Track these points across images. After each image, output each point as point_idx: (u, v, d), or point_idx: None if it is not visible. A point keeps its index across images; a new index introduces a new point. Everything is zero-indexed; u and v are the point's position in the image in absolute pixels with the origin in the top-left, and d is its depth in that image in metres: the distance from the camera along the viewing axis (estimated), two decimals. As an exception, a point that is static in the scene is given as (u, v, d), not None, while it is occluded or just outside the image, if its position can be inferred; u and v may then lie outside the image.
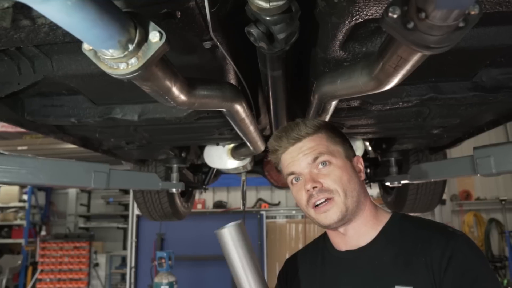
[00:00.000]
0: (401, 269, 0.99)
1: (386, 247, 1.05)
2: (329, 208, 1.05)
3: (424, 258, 0.96)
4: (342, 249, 1.14)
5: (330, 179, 1.06)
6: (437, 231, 1.02)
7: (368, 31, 1.07)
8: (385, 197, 3.58)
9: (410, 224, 1.08)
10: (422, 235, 1.02)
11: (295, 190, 1.12)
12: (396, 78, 0.86)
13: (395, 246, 1.04)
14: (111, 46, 0.67)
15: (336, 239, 1.15)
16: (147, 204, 3.11)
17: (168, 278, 4.61)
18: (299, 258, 1.29)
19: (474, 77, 1.44)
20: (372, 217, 1.11)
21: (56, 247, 8.94)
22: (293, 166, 1.10)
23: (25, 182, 1.73)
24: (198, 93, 1.09)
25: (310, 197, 1.06)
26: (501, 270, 7.46)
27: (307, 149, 1.09)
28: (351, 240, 1.11)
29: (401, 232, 1.07)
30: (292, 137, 1.11)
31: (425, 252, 0.97)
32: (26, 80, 1.31)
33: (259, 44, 0.96)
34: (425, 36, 0.61)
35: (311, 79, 1.34)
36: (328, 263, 1.16)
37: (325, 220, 1.06)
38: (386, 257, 1.03)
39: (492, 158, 1.69)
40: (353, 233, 1.10)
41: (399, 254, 1.01)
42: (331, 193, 1.05)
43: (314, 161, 1.07)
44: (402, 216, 1.13)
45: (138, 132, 1.89)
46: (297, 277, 1.22)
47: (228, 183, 7.58)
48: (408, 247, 1.01)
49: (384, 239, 1.08)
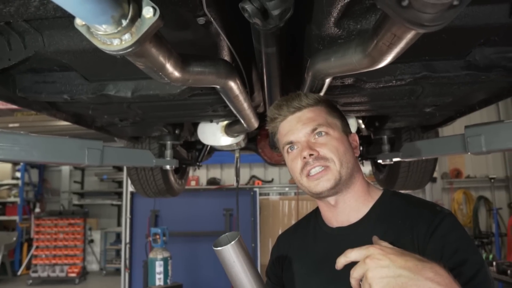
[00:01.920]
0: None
1: (376, 225, 1.07)
2: (323, 175, 1.05)
3: (411, 235, 0.99)
4: (333, 225, 1.15)
5: (327, 148, 1.07)
6: (425, 210, 1.03)
7: (363, 8, 1.06)
8: (377, 174, 3.63)
9: (400, 202, 1.10)
10: (411, 213, 1.04)
11: (290, 159, 1.12)
12: (390, 56, 0.86)
13: (384, 223, 1.06)
14: (104, 21, 0.66)
15: (327, 214, 1.16)
16: (141, 181, 3.12)
17: (163, 254, 4.67)
18: (291, 234, 1.30)
19: (468, 56, 1.44)
20: (363, 192, 1.13)
21: (51, 224, 9.01)
22: (292, 135, 1.11)
23: (18, 159, 1.73)
24: (192, 69, 1.08)
25: (306, 164, 1.07)
26: (488, 245, 7.67)
27: (306, 119, 1.11)
28: (341, 215, 1.12)
29: (391, 209, 1.08)
30: (293, 106, 1.13)
31: (412, 230, 0.99)
32: (16, 56, 1.28)
33: (253, 20, 0.95)
34: (419, 14, 0.61)
35: (305, 56, 1.33)
36: (320, 240, 1.17)
37: (317, 187, 1.06)
38: (376, 233, 1.03)
39: (483, 136, 1.71)
40: (343, 206, 1.11)
41: (388, 232, 1.02)
42: (327, 161, 1.06)
43: (313, 131, 1.09)
44: (393, 193, 1.15)
45: (132, 109, 1.88)
46: (290, 254, 1.23)
47: (221, 160, 7.62)
48: (397, 225, 1.03)
49: (375, 216, 1.09)
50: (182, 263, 6.18)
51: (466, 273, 0.88)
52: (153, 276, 4.63)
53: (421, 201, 1.12)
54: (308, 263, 1.17)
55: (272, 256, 1.33)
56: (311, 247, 1.19)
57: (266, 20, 0.95)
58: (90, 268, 9.89)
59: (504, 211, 7.87)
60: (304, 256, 1.19)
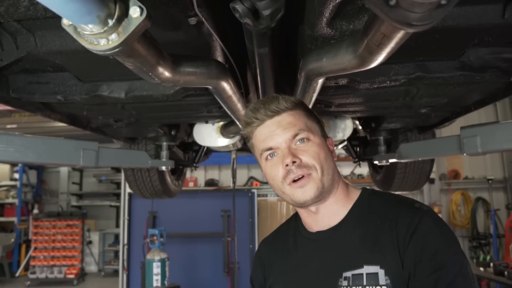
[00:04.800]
0: (369, 249, 0.99)
1: (355, 227, 1.05)
2: (306, 183, 1.02)
3: (390, 237, 0.96)
4: (313, 229, 1.12)
5: (309, 155, 1.03)
6: (404, 208, 1.01)
7: (355, 8, 1.06)
8: (374, 175, 3.63)
9: (378, 201, 1.08)
10: (389, 212, 1.01)
11: (269, 166, 1.07)
12: (381, 56, 0.86)
13: (363, 224, 1.04)
14: (90, 21, 0.65)
15: (308, 219, 1.13)
16: (138, 182, 3.12)
17: (160, 255, 4.66)
18: (272, 241, 1.27)
19: (462, 57, 1.44)
20: (343, 195, 1.10)
21: (49, 225, 8.99)
22: (271, 141, 1.06)
23: (13, 160, 1.73)
24: (183, 70, 1.08)
25: (288, 172, 1.02)
26: (486, 247, 7.68)
27: (287, 124, 1.06)
28: (322, 219, 1.10)
29: (369, 209, 1.06)
30: (271, 109, 1.07)
31: (391, 230, 0.97)
32: (9, 56, 1.28)
33: (245, 20, 0.95)
34: (407, 13, 0.61)
35: (299, 56, 1.33)
36: (300, 246, 1.14)
37: (301, 196, 1.02)
38: (355, 236, 1.03)
39: (479, 137, 1.71)
40: (324, 212, 1.09)
41: (367, 233, 1.01)
42: (309, 169, 1.02)
43: (294, 137, 1.05)
44: (371, 192, 1.13)
45: (126, 110, 1.87)
46: (272, 261, 1.20)
47: (219, 161, 7.61)
48: (376, 225, 1.01)
49: (354, 218, 1.07)
50: (180, 264, 6.16)
51: (444, 278, 0.87)
52: (150, 278, 4.61)
53: (399, 199, 1.08)
54: (289, 270, 1.13)
55: (254, 264, 1.29)
56: (292, 253, 1.15)
57: (257, 20, 0.95)
58: (89, 270, 9.87)
59: (502, 212, 7.87)
60: (285, 263, 1.16)
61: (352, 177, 8.13)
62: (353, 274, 0.98)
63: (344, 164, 7.94)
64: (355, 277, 0.98)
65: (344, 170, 8.20)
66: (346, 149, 3.53)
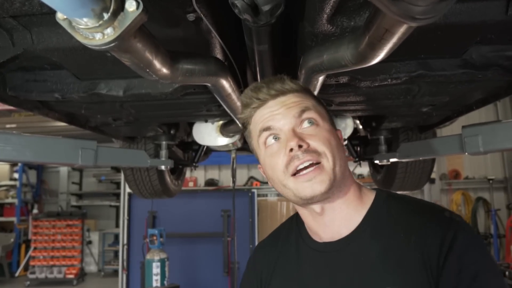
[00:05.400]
0: (392, 268, 0.82)
1: (373, 238, 0.87)
2: (315, 175, 0.84)
3: (420, 254, 0.80)
4: (320, 238, 0.95)
5: (318, 139, 0.86)
6: (433, 219, 0.84)
7: (356, 5, 1.04)
8: (375, 175, 3.61)
9: (398, 207, 0.90)
10: (415, 223, 0.84)
11: (269, 153, 0.90)
12: (383, 52, 0.84)
13: (383, 237, 0.86)
14: (85, 14, 0.64)
15: (312, 224, 0.95)
16: (137, 181, 3.10)
17: (160, 255, 4.65)
18: (270, 248, 1.08)
19: (464, 54, 1.42)
20: (355, 197, 0.93)
21: (49, 225, 8.98)
22: (272, 120, 0.89)
23: (11, 159, 1.71)
24: (181, 66, 1.06)
25: (292, 159, 0.85)
26: (486, 247, 7.66)
27: (292, 103, 0.90)
28: (330, 226, 0.92)
29: (389, 217, 0.89)
30: (275, 89, 0.92)
31: (420, 247, 0.80)
32: (5, 54, 1.26)
33: (244, 16, 0.93)
34: (410, 6, 0.60)
35: (299, 53, 1.31)
36: (306, 259, 0.97)
37: (308, 190, 0.84)
38: (373, 251, 0.85)
39: (480, 137, 1.69)
40: (332, 215, 0.91)
41: (389, 248, 0.84)
42: (319, 156, 0.85)
43: (300, 115, 0.89)
44: (387, 195, 0.95)
45: (125, 108, 1.86)
46: (270, 272, 1.03)
47: (219, 161, 7.60)
48: (399, 239, 0.84)
49: (370, 227, 0.89)
50: (180, 264, 6.14)
51: None
52: (150, 278, 4.60)
53: (424, 205, 0.91)
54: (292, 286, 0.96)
55: (248, 272, 1.11)
56: (295, 267, 0.98)
57: (256, 16, 0.93)
58: (88, 270, 9.85)
59: (503, 212, 7.86)
60: (288, 278, 0.98)
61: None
62: None
63: (344, 164, 7.93)
64: None
65: (344, 170, 8.18)
66: (346, 149, 3.51)
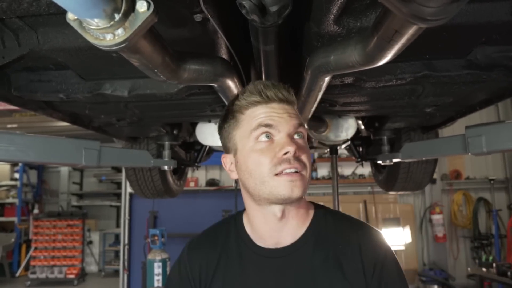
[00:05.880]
0: (333, 273, 0.94)
1: (315, 247, 0.98)
2: (297, 179, 0.92)
3: (355, 264, 0.95)
4: (266, 244, 1.01)
5: (305, 153, 0.96)
6: (365, 236, 1.01)
7: (363, 5, 1.05)
8: (377, 175, 3.61)
9: (336, 223, 1.04)
10: (350, 237, 1.00)
11: (258, 148, 0.95)
12: (391, 53, 0.84)
13: (324, 246, 0.98)
14: (96, 15, 0.64)
15: (262, 228, 1.00)
16: (139, 181, 3.10)
17: (161, 255, 4.64)
18: (210, 250, 1.06)
19: (469, 55, 1.43)
20: (304, 210, 1.03)
21: (49, 225, 8.97)
22: (274, 120, 0.95)
23: (14, 160, 1.71)
24: (189, 67, 1.06)
25: (283, 161, 0.91)
26: (487, 247, 7.65)
27: (293, 114, 0.99)
28: (279, 232, 0.99)
29: (327, 230, 1.01)
30: (282, 94, 0.99)
31: (356, 258, 0.96)
32: (10, 54, 1.26)
33: (251, 17, 0.93)
34: (421, 7, 0.60)
35: (304, 54, 1.31)
36: (249, 263, 1.00)
37: (289, 191, 0.91)
38: (316, 258, 0.97)
39: (484, 137, 1.69)
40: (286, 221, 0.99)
41: (329, 257, 0.96)
42: (303, 168, 0.94)
43: (296, 127, 0.97)
44: (325, 210, 1.07)
45: (129, 109, 1.86)
46: (214, 275, 1.02)
47: (220, 161, 7.59)
48: (338, 250, 0.98)
49: (313, 238, 1.00)
50: (181, 264, 6.15)
51: None
52: (151, 278, 4.60)
53: (354, 221, 1.07)
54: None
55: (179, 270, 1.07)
56: (238, 270, 1.00)
57: (264, 17, 0.93)
58: (89, 270, 9.85)
59: (504, 213, 7.85)
60: (230, 280, 1.00)
61: (353, 177, 8.10)
62: None
63: (345, 164, 7.93)
64: None
65: (345, 170, 8.18)
66: (348, 149, 3.51)
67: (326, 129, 2.45)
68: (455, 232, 7.97)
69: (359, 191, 8.04)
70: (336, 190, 3.28)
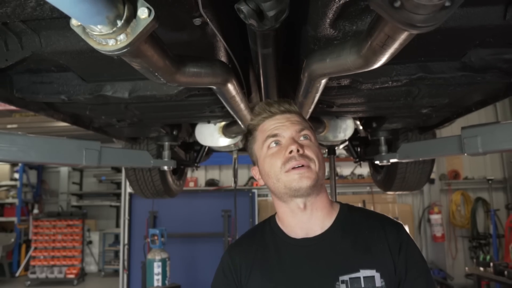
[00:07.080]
0: (362, 254, 1.07)
1: (344, 235, 1.11)
2: (304, 172, 1.06)
3: (382, 244, 1.08)
4: (297, 235, 1.13)
5: (311, 149, 1.10)
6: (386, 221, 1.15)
7: (359, 9, 1.07)
8: (375, 175, 3.64)
9: (359, 214, 1.18)
10: (374, 224, 1.13)
11: (270, 154, 1.12)
12: (384, 57, 0.87)
13: (352, 234, 1.11)
14: (99, 21, 0.66)
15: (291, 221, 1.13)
16: (139, 181, 3.12)
17: (161, 255, 4.67)
18: (247, 248, 1.19)
19: (463, 57, 1.45)
20: (328, 203, 1.16)
21: (49, 225, 8.99)
22: (278, 130, 1.13)
23: (16, 160, 1.73)
24: (188, 70, 1.09)
25: (290, 159, 1.07)
26: (485, 247, 7.69)
27: (295, 120, 1.15)
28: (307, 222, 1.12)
29: (353, 221, 1.15)
30: (284, 106, 1.17)
31: (382, 239, 1.09)
32: (13, 57, 1.29)
33: (249, 21, 0.96)
34: (411, 15, 0.62)
35: (301, 57, 1.34)
36: (286, 252, 1.12)
37: (298, 182, 1.06)
38: (345, 243, 1.09)
39: (479, 137, 1.72)
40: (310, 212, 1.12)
41: (357, 241, 1.09)
42: (310, 161, 1.08)
43: (300, 131, 1.13)
44: (349, 207, 1.21)
45: (129, 110, 1.88)
46: (250, 269, 1.14)
47: (220, 161, 7.62)
48: (365, 235, 1.11)
49: (340, 227, 1.13)
50: (181, 264, 6.17)
51: (426, 280, 1.07)
52: (151, 277, 4.62)
53: (377, 214, 1.22)
54: (276, 277, 1.09)
55: (224, 273, 1.18)
56: (275, 258, 1.12)
57: (261, 21, 0.96)
58: (89, 270, 9.87)
59: (502, 213, 7.87)
60: (268, 268, 1.12)
61: (352, 177, 8.14)
62: (350, 278, 1.03)
63: (344, 164, 7.96)
64: (353, 280, 1.03)
65: (344, 170, 8.21)
66: (347, 149, 3.53)
67: (324, 130, 2.47)
68: (453, 232, 8.00)
69: (358, 191, 8.07)
70: (334, 190, 3.31)
